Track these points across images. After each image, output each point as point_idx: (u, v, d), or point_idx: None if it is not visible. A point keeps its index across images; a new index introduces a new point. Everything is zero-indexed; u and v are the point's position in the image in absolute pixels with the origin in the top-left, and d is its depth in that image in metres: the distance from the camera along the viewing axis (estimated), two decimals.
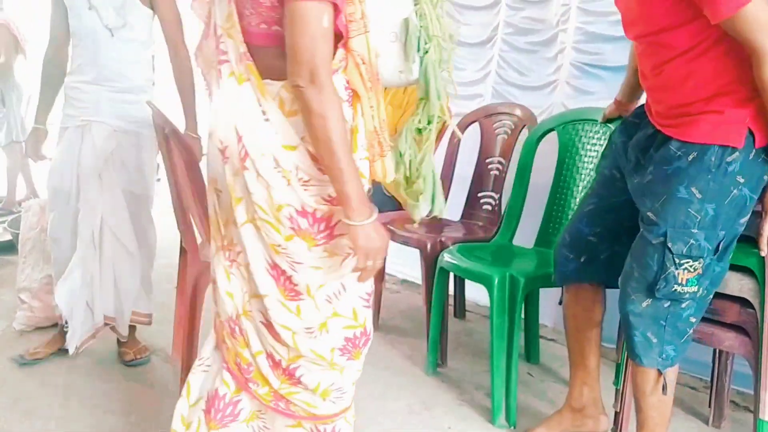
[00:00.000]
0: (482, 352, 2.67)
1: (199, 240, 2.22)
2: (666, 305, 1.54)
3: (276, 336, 1.33)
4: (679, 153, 1.50)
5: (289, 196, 1.26)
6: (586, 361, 1.95)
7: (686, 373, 2.46)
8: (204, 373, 1.46)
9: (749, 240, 1.55)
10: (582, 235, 1.83)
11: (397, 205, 2.39)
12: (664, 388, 1.61)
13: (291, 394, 1.37)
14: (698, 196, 1.47)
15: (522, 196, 2.57)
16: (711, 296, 1.57)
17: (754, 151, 1.46)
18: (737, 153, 1.45)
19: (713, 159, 1.46)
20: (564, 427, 1.99)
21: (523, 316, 2.30)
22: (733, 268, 1.59)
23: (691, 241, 1.48)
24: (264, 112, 1.25)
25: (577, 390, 1.98)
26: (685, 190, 1.49)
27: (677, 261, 1.50)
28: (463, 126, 2.92)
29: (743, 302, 1.59)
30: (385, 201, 2.88)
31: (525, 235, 2.60)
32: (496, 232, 2.63)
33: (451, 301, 2.83)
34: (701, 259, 1.49)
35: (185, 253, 2.32)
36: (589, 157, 2.42)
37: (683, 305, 1.54)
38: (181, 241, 2.33)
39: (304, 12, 1.13)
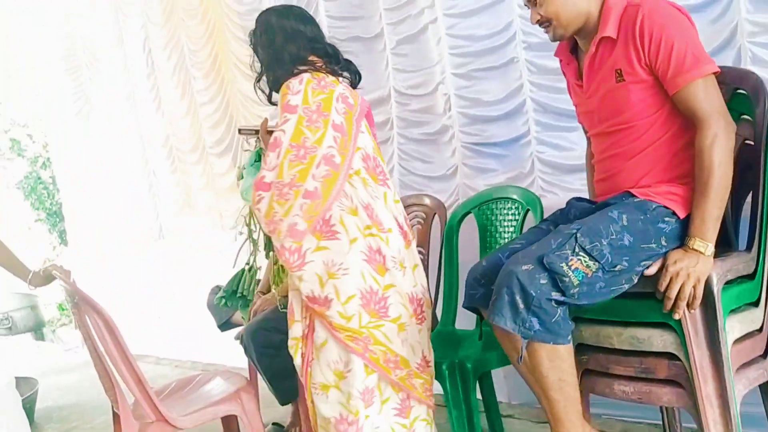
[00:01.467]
0: None
1: (130, 401, 2.14)
2: (543, 281, 1.53)
3: None
4: (628, 198, 1.69)
5: None
6: None
7: (641, 421, 2.50)
8: None
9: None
10: (498, 261, 1.76)
11: None
12: (521, 356, 1.60)
13: None
14: (624, 223, 1.59)
15: (455, 278, 2.62)
16: (576, 304, 1.58)
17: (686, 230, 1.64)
18: (674, 221, 1.64)
19: (655, 211, 1.63)
20: None
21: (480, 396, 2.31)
22: (653, 325, 1.65)
23: (597, 244, 1.57)
24: None
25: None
26: (616, 213, 1.63)
27: (576, 249, 1.56)
28: None
29: (671, 356, 1.63)
30: None
31: (466, 317, 2.63)
32: (435, 322, 2.65)
33: None
34: (596, 263, 1.56)
35: (119, 417, 2.22)
36: (508, 232, 2.51)
37: (554, 292, 1.54)
38: (112, 407, 2.23)
39: None
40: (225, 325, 3.16)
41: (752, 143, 1.81)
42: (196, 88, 4.46)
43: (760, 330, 1.74)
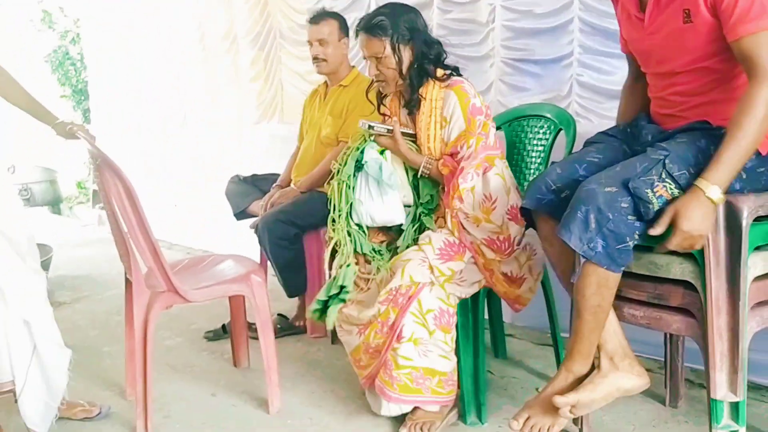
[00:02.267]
0: None
1: (143, 269, 2.17)
2: (624, 205, 1.52)
3: None
4: (711, 126, 1.64)
5: None
6: None
7: (641, 355, 2.48)
8: None
9: None
10: (574, 173, 1.74)
11: None
12: (576, 273, 1.62)
13: None
14: (712, 152, 1.54)
15: None
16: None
17: (765, 167, 1.63)
18: (755, 156, 1.58)
19: None
20: (605, 391, 1.67)
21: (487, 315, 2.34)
22: (673, 252, 1.62)
23: (685, 172, 1.55)
24: None
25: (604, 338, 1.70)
26: (704, 143, 1.60)
27: (663, 175, 1.54)
28: None
29: (686, 285, 1.61)
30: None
31: None
32: None
33: None
34: (681, 191, 1.54)
35: (130, 285, 2.27)
36: (537, 151, 2.45)
37: (630, 216, 1.52)
38: (125, 273, 2.27)
39: None
40: (241, 214, 3.17)
41: None
42: None
43: None
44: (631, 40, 1.85)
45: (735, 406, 1.58)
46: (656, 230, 1.52)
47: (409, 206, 2.27)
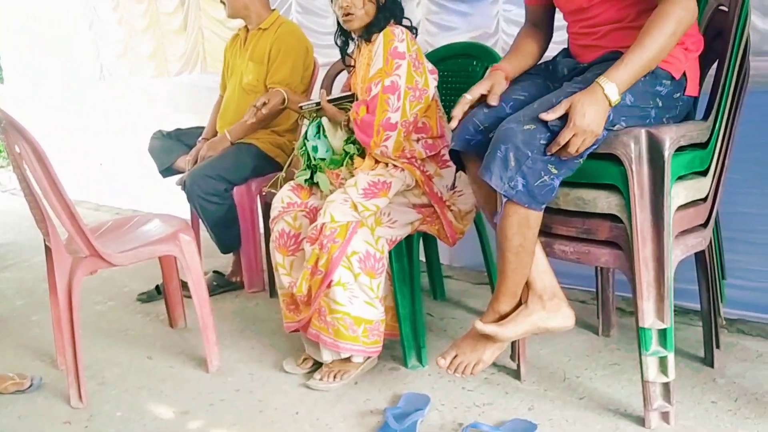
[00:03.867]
0: None
1: (64, 236, 2.07)
2: (543, 141, 1.52)
3: None
4: None
5: None
6: None
7: (574, 288, 2.58)
8: None
9: (611, 158, 1.59)
10: (501, 112, 1.72)
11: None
12: (499, 213, 1.63)
13: None
14: None
15: None
16: (577, 164, 1.57)
17: (680, 92, 1.65)
18: (670, 82, 1.62)
19: (653, 73, 1.58)
20: (526, 328, 1.69)
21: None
22: (599, 186, 1.64)
23: None
24: None
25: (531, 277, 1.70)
26: None
27: None
28: None
29: (613, 218, 1.63)
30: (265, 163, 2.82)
31: None
32: None
33: None
34: None
35: (50, 252, 2.16)
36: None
37: (552, 152, 1.52)
38: (44, 240, 2.16)
39: None
40: (167, 171, 3.05)
41: (726, 9, 1.74)
42: None
43: (705, 199, 1.75)
44: None
45: (663, 333, 1.63)
46: (548, 115, 1.51)
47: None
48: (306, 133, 2.34)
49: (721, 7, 1.79)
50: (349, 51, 2.35)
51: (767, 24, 2.16)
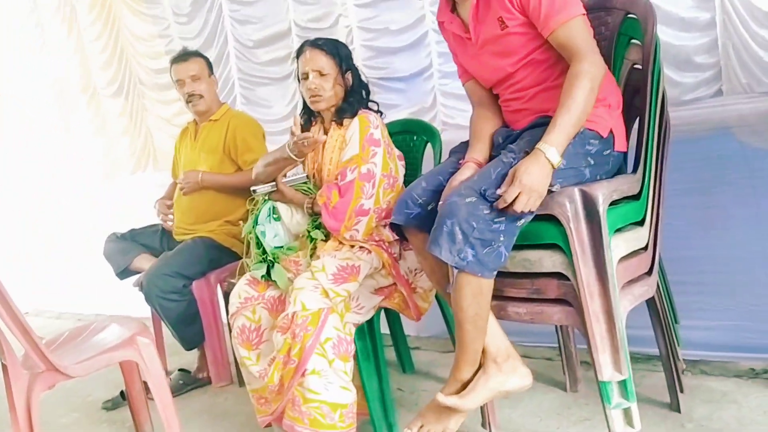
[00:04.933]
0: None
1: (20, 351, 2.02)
2: (486, 212, 1.56)
3: None
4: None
5: None
6: None
7: (538, 345, 2.59)
8: None
9: (550, 218, 1.64)
10: (439, 185, 1.77)
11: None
12: (451, 284, 1.64)
13: None
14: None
15: None
16: (521, 226, 1.61)
17: (610, 148, 1.73)
18: (598, 141, 1.70)
19: (582, 134, 1.67)
20: (486, 395, 1.72)
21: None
22: (543, 246, 1.68)
23: None
24: None
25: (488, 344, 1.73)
26: None
27: None
28: None
29: (560, 276, 1.67)
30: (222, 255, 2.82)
31: None
32: None
33: None
34: None
35: (6, 370, 2.11)
36: (410, 166, 2.47)
37: (498, 219, 1.57)
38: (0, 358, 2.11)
39: None
40: (124, 273, 3.03)
41: (640, 67, 1.85)
42: (83, 24, 4.17)
43: (646, 248, 1.81)
44: (467, 63, 1.93)
45: (623, 384, 1.64)
46: (502, 189, 1.57)
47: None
48: (257, 217, 2.34)
49: (636, 66, 1.90)
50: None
51: (683, 77, 2.29)
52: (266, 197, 2.33)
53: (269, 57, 3.46)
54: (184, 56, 2.94)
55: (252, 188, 2.35)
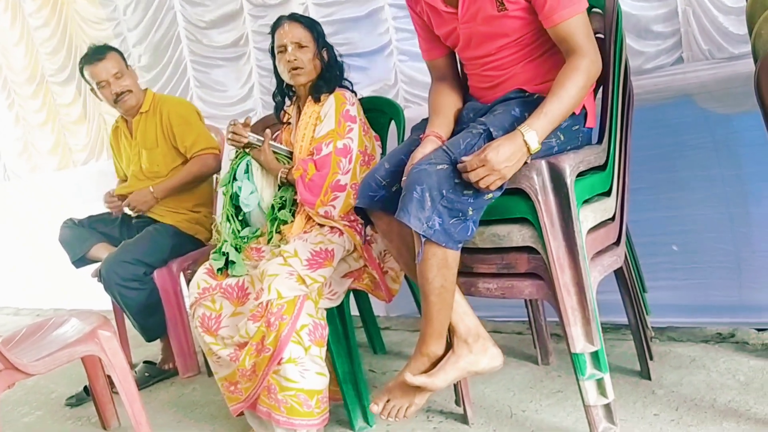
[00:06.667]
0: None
1: None
2: (457, 180, 1.53)
3: None
4: (526, 93, 1.73)
5: None
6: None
7: (509, 320, 2.60)
8: None
9: (518, 192, 1.62)
10: (402, 165, 1.72)
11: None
12: (419, 254, 1.60)
13: None
14: (527, 117, 1.59)
15: None
16: (490, 201, 1.58)
17: (579, 124, 1.73)
18: (570, 117, 1.67)
19: None
20: (455, 375, 1.69)
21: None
22: (512, 221, 1.66)
23: None
24: None
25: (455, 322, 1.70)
26: (518, 110, 1.67)
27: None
28: None
29: (530, 250, 1.66)
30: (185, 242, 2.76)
31: None
32: None
33: None
34: None
35: None
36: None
37: (467, 191, 1.54)
38: None
39: None
40: (80, 261, 2.92)
41: (602, 36, 1.83)
42: (27, 11, 4.00)
43: (613, 218, 1.81)
44: (445, 35, 1.85)
45: (595, 355, 1.64)
46: (468, 157, 1.53)
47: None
48: (234, 171, 2.30)
49: (599, 35, 1.87)
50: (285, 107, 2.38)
51: (645, 46, 2.28)
52: (247, 150, 2.28)
53: (222, 38, 3.36)
54: (97, 55, 2.78)
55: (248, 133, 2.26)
